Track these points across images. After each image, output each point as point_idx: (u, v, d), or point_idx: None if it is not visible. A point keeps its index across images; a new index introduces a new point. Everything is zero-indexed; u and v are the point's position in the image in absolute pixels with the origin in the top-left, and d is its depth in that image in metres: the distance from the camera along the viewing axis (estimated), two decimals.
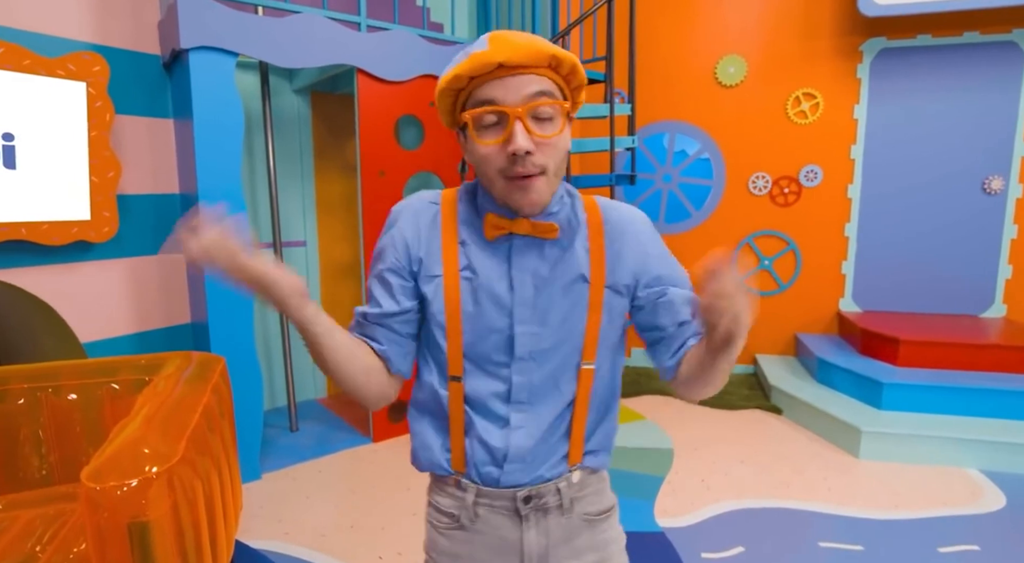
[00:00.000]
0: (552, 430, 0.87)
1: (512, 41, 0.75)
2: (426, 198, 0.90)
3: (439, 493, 0.93)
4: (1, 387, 1.42)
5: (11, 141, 2.22)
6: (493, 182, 0.80)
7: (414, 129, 3.41)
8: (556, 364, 0.86)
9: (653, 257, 0.90)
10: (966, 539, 2.27)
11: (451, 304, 0.84)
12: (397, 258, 0.86)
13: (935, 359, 3.28)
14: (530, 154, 0.76)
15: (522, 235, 0.84)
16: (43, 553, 1.15)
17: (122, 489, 0.91)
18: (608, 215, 0.90)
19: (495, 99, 0.76)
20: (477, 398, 0.86)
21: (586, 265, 0.86)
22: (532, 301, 0.84)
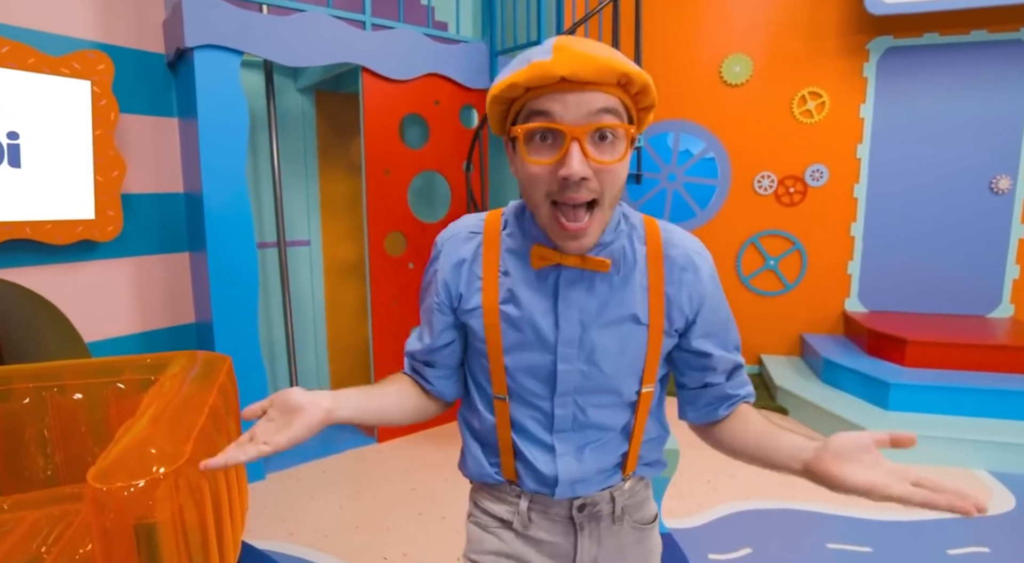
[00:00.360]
0: (605, 452, 0.86)
1: (579, 52, 0.67)
2: (469, 226, 0.86)
3: (489, 498, 0.92)
4: (6, 387, 1.41)
5: (16, 140, 2.22)
6: (538, 207, 0.73)
7: (419, 128, 3.40)
8: (606, 398, 0.83)
9: (709, 309, 0.84)
10: (975, 541, 2.25)
11: (492, 338, 0.82)
12: (438, 294, 0.85)
13: (942, 359, 3.26)
14: (585, 180, 0.69)
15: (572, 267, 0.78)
16: (48, 554, 1.14)
17: (128, 490, 0.90)
18: (670, 252, 0.82)
19: (552, 114, 0.68)
20: (521, 424, 0.85)
21: (642, 306, 0.80)
22: (578, 339, 0.79)
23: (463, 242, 0.84)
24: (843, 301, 4.04)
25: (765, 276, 4.13)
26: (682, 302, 0.81)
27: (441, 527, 2.36)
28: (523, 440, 0.85)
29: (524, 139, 0.71)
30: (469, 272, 0.83)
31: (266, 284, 3.38)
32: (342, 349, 3.83)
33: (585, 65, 0.66)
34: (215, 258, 2.59)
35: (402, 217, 3.18)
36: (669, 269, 0.81)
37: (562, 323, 0.79)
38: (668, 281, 0.81)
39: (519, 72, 0.69)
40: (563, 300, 0.79)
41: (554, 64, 0.66)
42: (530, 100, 0.70)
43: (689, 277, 0.81)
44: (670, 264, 0.81)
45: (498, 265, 0.82)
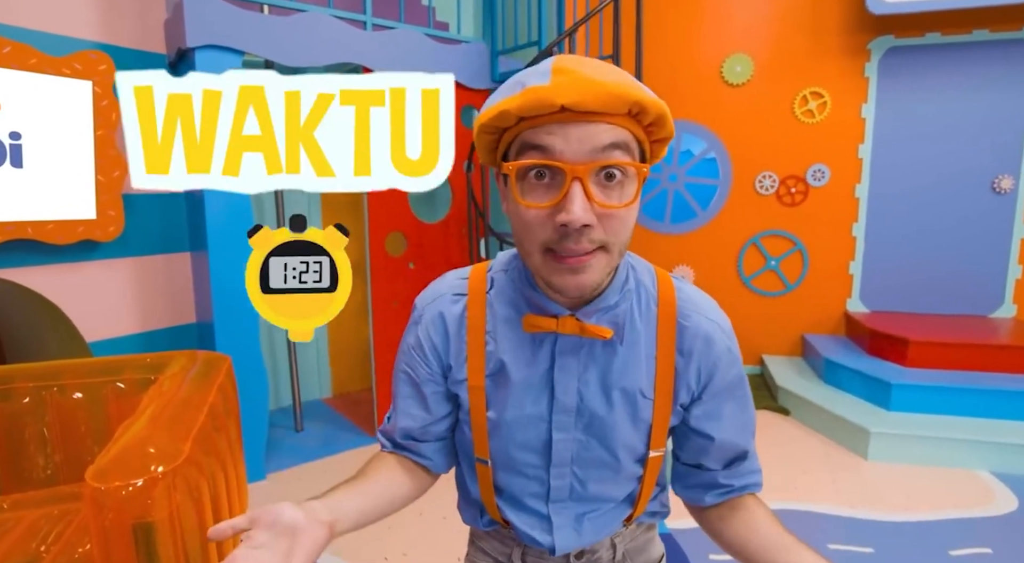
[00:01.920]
0: (607, 519, 0.79)
1: (583, 77, 0.56)
2: (452, 288, 0.77)
3: (485, 538, 0.88)
4: (6, 386, 1.42)
5: (18, 140, 2.22)
6: (529, 254, 0.63)
7: None
8: (608, 472, 0.75)
9: (718, 386, 0.74)
10: (978, 542, 2.24)
11: (476, 410, 0.75)
12: (428, 366, 0.77)
13: (944, 360, 3.25)
14: (588, 227, 0.59)
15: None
16: (48, 553, 1.14)
17: (127, 489, 0.90)
18: (683, 321, 0.72)
19: (551, 150, 0.58)
20: (511, 494, 0.79)
21: (648, 379, 0.72)
22: (575, 408, 0.72)
23: (448, 306, 0.76)
24: (845, 301, 4.03)
25: (766, 276, 4.13)
26: (690, 376, 0.73)
27: (442, 527, 2.36)
28: (512, 508, 0.79)
29: (517, 177, 0.60)
30: (457, 340, 0.75)
31: None
32: (342, 349, 3.84)
33: (590, 92, 0.56)
34: (216, 258, 2.60)
35: (403, 217, 3.18)
36: (680, 339, 0.72)
37: (558, 392, 0.71)
38: (679, 352, 0.72)
39: (512, 98, 0.58)
40: (559, 368, 0.71)
41: (553, 90, 0.56)
42: (524, 131, 0.60)
43: (700, 347, 0.72)
44: (681, 333, 0.72)
45: (484, 332, 0.74)
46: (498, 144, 0.65)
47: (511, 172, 0.60)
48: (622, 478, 0.77)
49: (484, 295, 0.75)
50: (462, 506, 0.87)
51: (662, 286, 0.74)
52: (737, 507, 0.78)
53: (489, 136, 0.64)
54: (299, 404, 3.31)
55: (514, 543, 0.84)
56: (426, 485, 0.84)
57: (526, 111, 0.57)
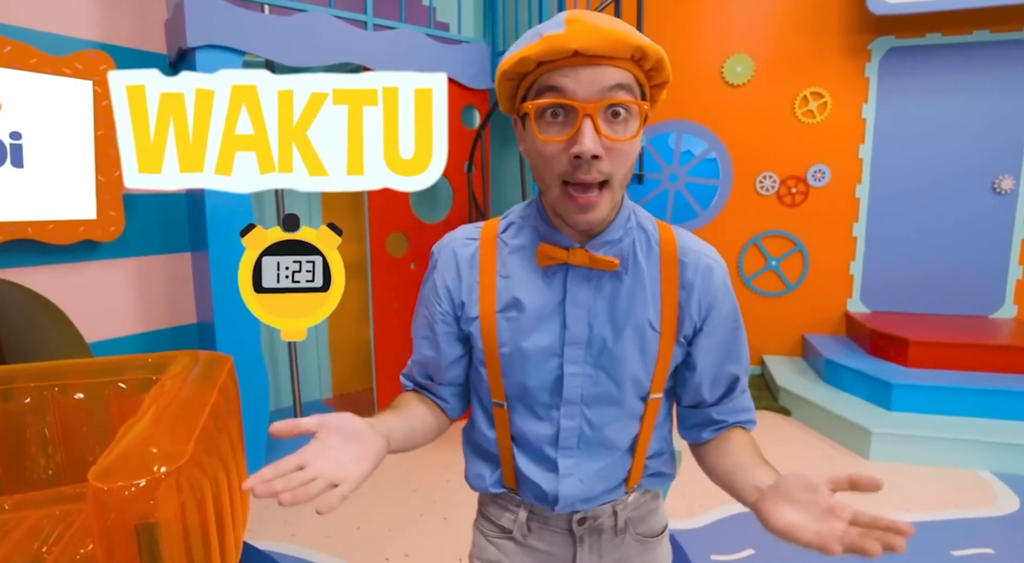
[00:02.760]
0: (611, 470, 0.82)
1: (592, 25, 0.64)
2: (465, 233, 0.84)
3: (492, 505, 0.91)
4: (7, 386, 1.41)
5: (18, 140, 2.22)
6: (549, 187, 0.71)
7: None
8: (614, 409, 0.79)
9: (717, 316, 0.80)
10: (980, 542, 2.24)
11: (489, 346, 0.79)
12: (440, 304, 0.82)
13: (945, 360, 3.25)
14: (597, 159, 0.66)
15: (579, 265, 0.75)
16: (49, 554, 1.14)
17: (130, 489, 0.90)
18: (683, 257, 0.79)
19: (565, 90, 0.66)
20: (524, 439, 0.82)
21: (655, 312, 0.77)
22: (586, 340, 0.76)
23: (460, 248, 0.82)
24: (845, 301, 4.03)
25: (767, 276, 4.13)
26: (692, 308, 0.78)
27: (443, 528, 2.36)
28: (524, 454, 0.82)
29: (535, 115, 0.68)
30: (469, 279, 0.80)
31: None
32: (343, 349, 3.83)
33: (599, 38, 0.64)
34: (217, 258, 2.59)
35: (404, 217, 3.18)
36: (682, 274, 0.78)
37: (569, 323, 0.76)
38: (680, 286, 0.78)
39: (531, 46, 0.66)
40: (570, 299, 0.76)
41: (567, 37, 0.64)
42: (542, 75, 0.68)
43: (700, 281, 0.78)
44: (683, 269, 0.78)
45: (495, 270, 0.79)
46: (517, 90, 0.72)
47: (531, 111, 0.68)
48: (625, 416, 0.80)
49: (496, 238, 0.81)
50: (472, 467, 0.89)
51: (663, 229, 0.81)
52: (722, 438, 0.83)
53: (510, 82, 0.71)
54: (299, 404, 3.31)
55: (518, 507, 0.86)
56: (444, 425, 0.89)
57: (544, 56, 0.65)
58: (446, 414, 0.89)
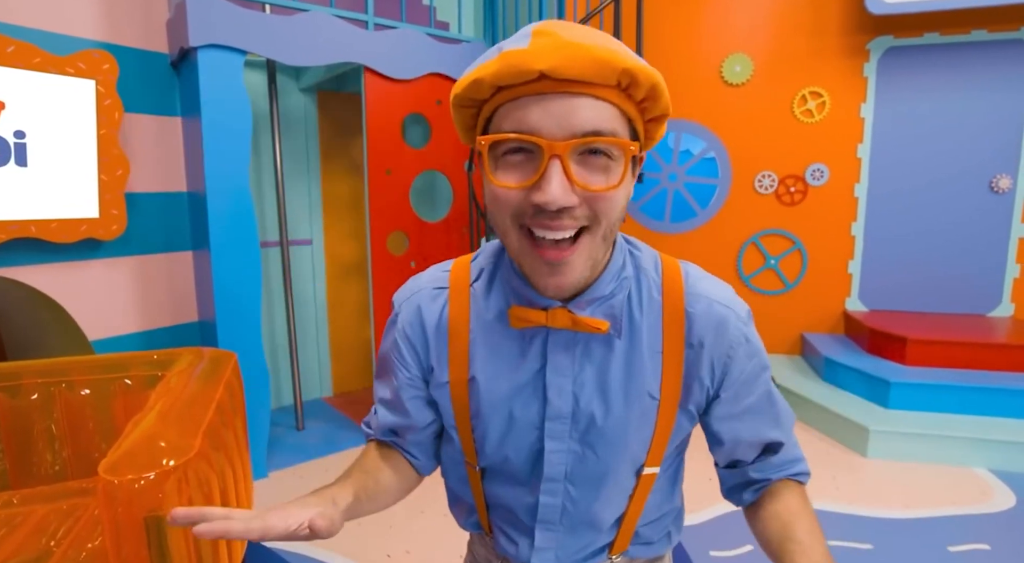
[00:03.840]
0: (591, 542, 0.72)
1: (565, 40, 0.49)
2: (430, 283, 0.70)
3: (476, 541, 0.85)
4: (15, 382, 1.43)
5: (22, 139, 2.23)
6: (506, 234, 0.57)
7: (421, 128, 3.41)
8: (603, 488, 0.68)
9: (736, 380, 0.66)
10: (976, 538, 2.26)
11: (460, 415, 0.68)
12: (407, 370, 0.70)
13: (943, 358, 3.27)
14: (568, 209, 0.52)
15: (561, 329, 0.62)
16: (58, 547, 1.15)
17: (139, 482, 0.91)
18: (692, 307, 0.64)
19: (528, 125, 0.51)
20: (499, 503, 0.73)
21: (655, 379, 0.64)
22: (571, 414, 0.64)
23: (426, 303, 0.68)
24: (844, 300, 4.05)
25: (766, 275, 4.14)
26: (702, 371, 0.64)
27: (444, 525, 2.37)
28: (499, 516, 0.74)
29: (489, 153, 0.54)
30: (437, 341, 0.68)
31: (268, 283, 3.39)
32: (344, 348, 3.85)
33: (573, 57, 0.48)
34: (219, 257, 2.60)
35: (404, 216, 3.20)
36: (689, 329, 0.63)
37: (550, 395, 0.63)
38: (687, 343, 0.64)
39: (486, 65, 0.52)
40: (551, 368, 0.63)
41: (531, 55, 0.48)
42: (501, 103, 0.53)
43: (711, 337, 0.63)
44: (689, 322, 0.63)
45: (468, 330, 0.66)
46: (476, 120, 0.58)
47: (483, 148, 0.54)
48: (616, 493, 0.69)
49: (468, 288, 0.67)
50: (452, 505, 0.83)
51: (667, 272, 0.65)
52: (766, 497, 0.71)
53: (466, 109, 0.57)
54: (300, 403, 3.32)
55: (495, 555, 0.79)
56: (411, 483, 0.77)
57: (502, 79, 0.50)
58: (415, 470, 0.78)
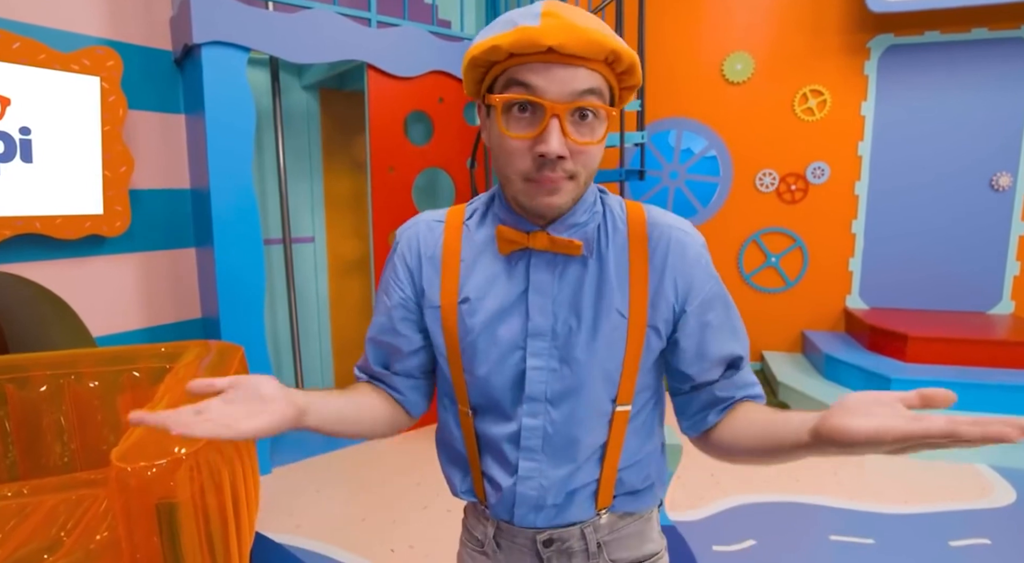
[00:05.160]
0: (572, 478, 0.75)
1: (569, 22, 0.62)
2: (431, 216, 0.80)
3: (469, 513, 0.87)
4: (24, 374, 1.43)
5: (28, 135, 2.24)
6: (510, 181, 0.69)
7: (423, 125, 3.42)
8: (580, 408, 0.73)
9: (698, 295, 0.73)
10: (977, 533, 2.27)
11: (450, 337, 0.75)
12: (402, 289, 0.78)
13: (943, 355, 3.29)
14: (562, 159, 0.65)
15: (543, 251, 0.71)
16: (68, 537, 1.16)
17: (152, 470, 0.92)
18: (652, 232, 0.73)
19: (535, 87, 0.63)
20: (486, 438, 0.77)
21: (623, 297, 0.72)
22: (550, 330, 0.71)
23: (424, 232, 0.78)
24: (844, 298, 4.06)
25: (767, 273, 4.16)
26: (666, 290, 0.72)
27: (447, 520, 2.38)
28: (488, 458, 0.78)
29: (502, 109, 0.66)
30: (430, 265, 0.76)
31: (271, 281, 3.40)
32: (346, 345, 3.85)
33: (575, 37, 0.61)
34: (222, 254, 2.61)
35: (407, 214, 3.20)
36: (652, 252, 0.73)
37: (532, 313, 0.71)
38: (651, 266, 0.72)
39: (504, 34, 0.63)
40: (533, 288, 0.72)
41: (543, 32, 0.61)
42: (512, 67, 0.65)
43: (673, 259, 0.72)
44: (652, 246, 0.73)
45: (459, 258, 0.75)
46: (484, 77, 0.69)
47: (497, 105, 0.66)
48: (593, 415, 0.74)
49: (462, 223, 0.78)
50: (445, 470, 0.85)
51: (631, 208, 0.76)
52: (735, 412, 0.75)
53: (478, 69, 0.69)
54: None
55: (488, 520, 0.82)
56: (401, 421, 0.84)
57: (516, 48, 0.62)
58: (403, 407, 0.83)
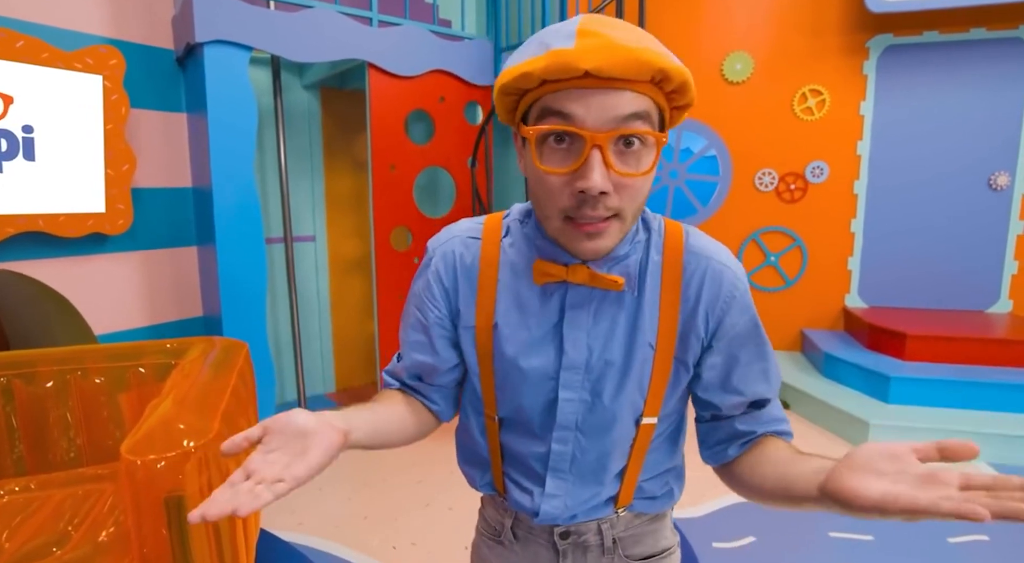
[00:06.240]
0: (597, 494, 0.76)
1: (608, 41, 0.56)
2: (467, 230, 0.76)
3: (488, 504, 0.88)
4: (30, 370, 1.44)
5: (30, 133, 2.24)
6: (549, 219, 0.64)
7: (424, 124, 3.43)
8: (609, 439, 0.73)
9: (729, 331, 0.71)
10: (975, 530, 2.28)
11: (484, 359, 0.74)
12: (437, 308, 0.75)
13: (942, 354, 3.30)
14: (605, 195, 0.59)
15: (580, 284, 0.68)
16: (75, 531, 1.17)
17: (160, 463, 0.93)
18: (690, 262, 0.70)
19: (572, 116, 0.58)
20: (514, 453, 0.77)
21: (652, 330, 0.70)
22: (584, 365, 0.70)
23: (460, 250, 0.75)
24: (843, 297, 4.08)
25: (766, 272, 4.17)
26: (697, 323, 0.70)
27: (449, 517, 2.39)
28: (512, 467, 0.79)
29: (536, 141, 0.61)
30: (466, 285, 0.74)
31: (272, 279, 3.40)
32: (347, 343, 3.86)
33: (615, 58, 0.55)
34: (224, 252, 2.62)
35: (407, 212, 3.21)
36: (687, 284, 0.70)
37: (567, 346, 0.70)
38: (683, 298, 0.70)
39: (535, 59, 0.58)
40: (569, 322, 0.69)
41: (578, 55, 0.55)
42: (546, 94, 0.59)
43: (706, 292, 0.70)
44: (687, 276, 0.70)
45: (496, 278, 0.72)
46: (518, 105, 0.65)
47: (531, 137, 0.61)
48: (619, 442, 0.74)
49: (499, 241, 0.74)
50: (464, 466, 0.86)
51: (670, 233, 0.72)
52: (755, 448, 0.73)
53: (509, 97, 0.64)
54: (304, 399, 3.34)
55: (506, 512, 0.83)
56: (429, 427, 0.82)
57: (549, 74, 0.57)
58: (435, 415, 0.83)
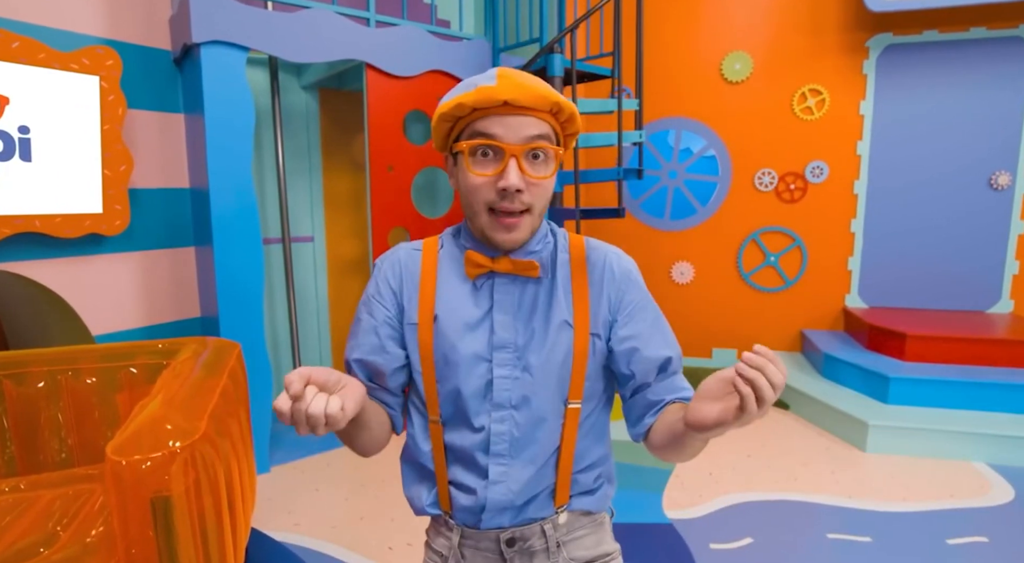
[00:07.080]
0: (535, 480, 0.84)
1: (519, 82, 0.76)
2: (409, 246, 0.91)
3: (432, 533, 0.93)
4: (22, 370, 1.44)
5: (27, 134, 2.25)
6: (477, 214, 0.81)
7: (422, 124, 3.43)
8: (540, 411, 0.83)
9: (629, 307, 0.86)
10: (974, 531, 2.27)
11: (425, 350, 0.84)
12: (386, 308, 0.87)
13: (942, 354, 3.29)
14: (520, 192, 0.78)
15: (504, 273, 0.84)
16: (64, 531, 1.17)
17: (146, 463, 0.92)
18: (590, 255, 0.88)
19: (495, 135, 0.77)
20: (456, 448, 0.85)
21: (568, 310, 0.84)
22: (513, 343, 0.83)
23: (404, 258, 0.89)
24: (843, 297, 4.06)
25: (766, 272, 4.16)
26: (602, 303, 0.85)
27: None
28: (458, 468, 0.86)
29: (468, 153, 0.79)
30: (411, 285, 0.87)
31: (270, 280, 3.40)
32: (344, 344, 3.86)
33: (525, 93, 0.75)
34: (221, 253, 2.62)
35: (405, 213, 3.21)
36: (590, 272, 0.87)
37: (497, 328, 0.83)
38: (591, 282, 0.86)
39: (467, 94, 0.76)
40: (497, 307, 0.84)
41: (499, 89, 0.75)
42: (475, 120, 0.78)
43: (607, 276, 0.86)
44: (591, 267, 0.87)
45: (435, 281, 0.86)
46: (451, 131, 0.83)
47: (465, 149, 0.79)
48: (550, 416, 0.84)
49: (437, 251, 0.90)
50: (410, 488, 0.92)
51: (573, 238, 0.91)
52: (664, 413, 0.85)
53: (446, 124, 0.82)
54: None
55: (452, 531, 0.88)
56: (387, 430, 0.91)
57: (478, 104, 0.76)
58: (390, 420, 0.91)
